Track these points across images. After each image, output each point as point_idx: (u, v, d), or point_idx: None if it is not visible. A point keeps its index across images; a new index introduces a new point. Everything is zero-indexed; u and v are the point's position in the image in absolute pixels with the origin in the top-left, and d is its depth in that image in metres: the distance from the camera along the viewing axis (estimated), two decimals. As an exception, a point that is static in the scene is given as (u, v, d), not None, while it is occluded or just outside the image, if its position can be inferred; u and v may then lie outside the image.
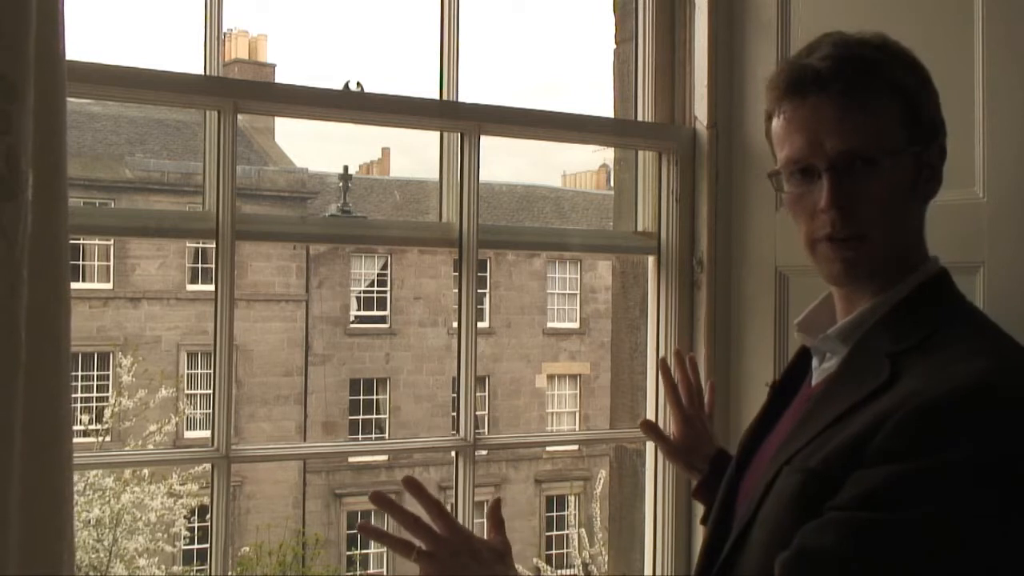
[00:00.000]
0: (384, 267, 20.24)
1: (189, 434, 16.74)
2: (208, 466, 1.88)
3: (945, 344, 1.16)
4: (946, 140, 1.28)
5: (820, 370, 1.31)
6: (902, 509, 1.04)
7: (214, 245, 1.83)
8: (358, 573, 18.74)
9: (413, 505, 1.34)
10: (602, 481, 10.50)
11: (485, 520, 1.37)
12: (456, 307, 2.09)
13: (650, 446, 2.26)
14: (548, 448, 19.50)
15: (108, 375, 16.61)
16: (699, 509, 2.20)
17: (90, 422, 13.72)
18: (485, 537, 1.35)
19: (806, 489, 1.14)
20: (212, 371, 1.85)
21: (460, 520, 2.05)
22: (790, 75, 1.25)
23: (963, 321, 1.22)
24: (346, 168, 19.71)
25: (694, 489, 1.67)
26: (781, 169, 1.27)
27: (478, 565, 1.29)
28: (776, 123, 1.27)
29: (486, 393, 19.93)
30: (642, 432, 1.75)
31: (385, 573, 18.94)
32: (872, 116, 1.21)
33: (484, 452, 2.12)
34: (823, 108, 1.21)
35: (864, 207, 1.21)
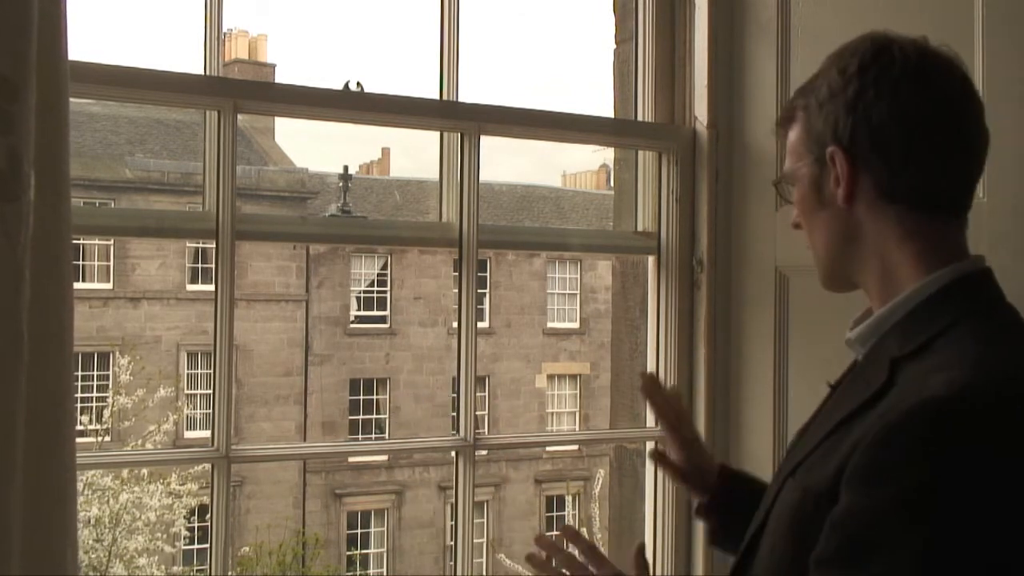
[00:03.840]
0: (384, 267, 20.24)
1: (189, 434, 16.73)
2: (208, 466, 1.88)
3: (942, 351, 1.14)
4: (851, 142, 1.22)
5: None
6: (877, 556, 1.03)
7: (214, 245, 1.83)
8: (358, 573, 18.73)
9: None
10: (602, 481, 10.50)
11: (632, 561, 1.43)
12: (456, 307, 2.09)
13: (650, 446, 2.26)
14: (548, 448, 19.49)
15: (108, 375, 16.61)
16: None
17: (90, 422, 13.72)
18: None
19: (803, 508, 1.16)
20: (212, 371, 1.85)
21: (461, 518, 2.06)
22: None
23: (973, 327, 1.17)
24: (346, 168, 19.70)
25: (697, 508, 1.61)
26: None
27: None
28: None
29: (486, 393, 19.92)
30: (651, 460, 1.72)
31: (385, 573, 18.95)
32: (785, 144, 1.31)
33: (484, 452, 2.12)
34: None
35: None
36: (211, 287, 1.90)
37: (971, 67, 1.72)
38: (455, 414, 2.11)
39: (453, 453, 2.09)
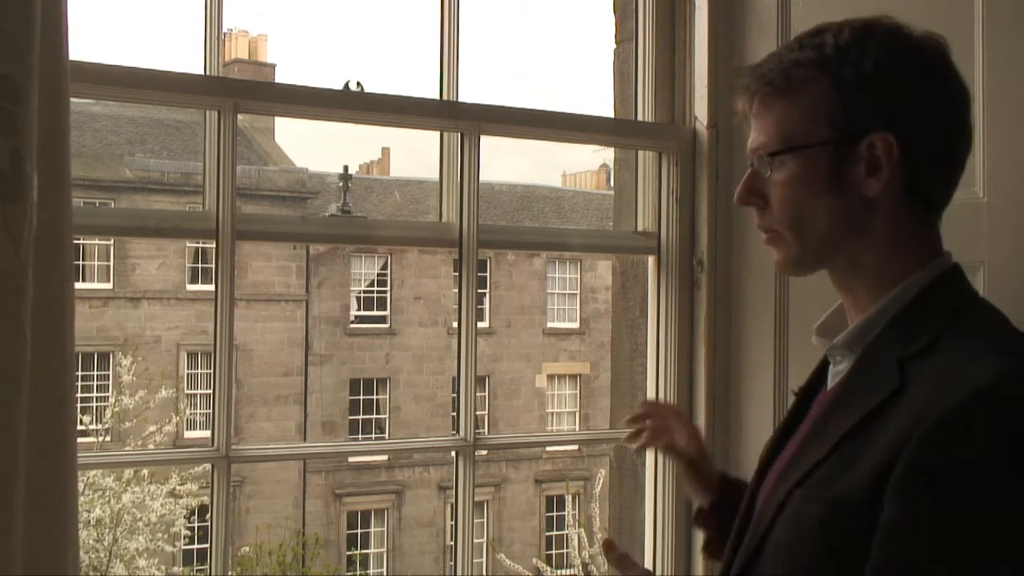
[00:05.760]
0: (384, 267, 20.25)
1: (189, 434, 16.73)
2: (208, 466, 1.88)
3: (954, 345, 1.12)
4: (904, 132, 1.18)
5: (833, 374, 1.27)
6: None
7: (214, 245, 1.83)
8: (358, 573, 18.73)
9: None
10: (602, 481, 10.49)
11: (612, 565, 1.37)
12: (456, 307, 2.09)
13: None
14: (548, 448, 19.50)
15: (108, 375, 16.61)
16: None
17: (90, 422, 13.72)
18: None
19: (835, 522, 1.10)
20: (212, 371, 1.85)
21: (461, 518, 2.06)
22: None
23: (973, 320, 1.17)
24: (346, 168, 19.71)
25: (696, 514, 1.58)
26: None
27: None
28: None
29: (486, 393, 19.93)
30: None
31: (385, 573, 18.95)
32: (778, 112, 1.23)
33: (484, 452, 2.11)
34: (752, 108, 1.27)
35: (774, 203, 1.24)
36: (211, 287, 1.90)
37: (971, 66, 1.73)
38: (455, 414, 2.11)
39: (453, 453, 2.09)
